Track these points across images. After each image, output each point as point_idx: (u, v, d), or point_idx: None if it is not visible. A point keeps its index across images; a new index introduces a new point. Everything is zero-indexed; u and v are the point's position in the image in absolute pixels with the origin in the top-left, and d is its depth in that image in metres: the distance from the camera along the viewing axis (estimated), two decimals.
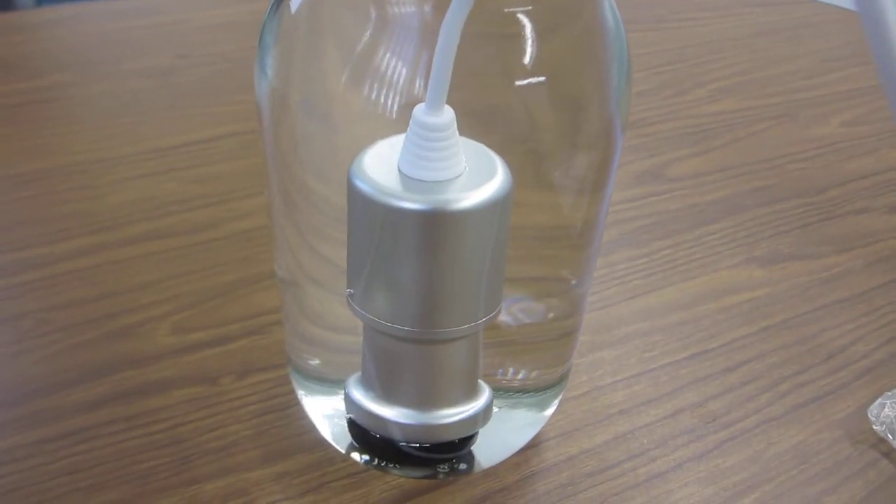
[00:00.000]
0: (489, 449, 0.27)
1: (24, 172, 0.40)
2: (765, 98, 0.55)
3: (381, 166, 0.21)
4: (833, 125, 0.52)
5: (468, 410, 0.25)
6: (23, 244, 0.36)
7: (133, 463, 0.27)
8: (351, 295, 0.23)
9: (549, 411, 0.28)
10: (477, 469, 0.27)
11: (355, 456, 0.27)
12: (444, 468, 0.27)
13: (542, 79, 0.21)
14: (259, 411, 0.29)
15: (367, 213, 0.21)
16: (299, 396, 0.28)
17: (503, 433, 0.28)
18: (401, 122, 0.21)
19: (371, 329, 0.24)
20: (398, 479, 0.27)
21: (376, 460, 0.27)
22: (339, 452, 0.27)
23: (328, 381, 0.27)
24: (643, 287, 0.36)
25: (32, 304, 0.33)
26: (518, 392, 0.28)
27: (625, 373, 0.32)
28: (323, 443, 0.28)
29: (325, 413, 0.28)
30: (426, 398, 0.24)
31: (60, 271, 0.34)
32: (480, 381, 0.25)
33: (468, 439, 0.26)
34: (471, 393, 0.25)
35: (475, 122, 0.22)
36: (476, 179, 0.21)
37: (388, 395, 0.24)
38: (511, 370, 0.27)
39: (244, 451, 0.27)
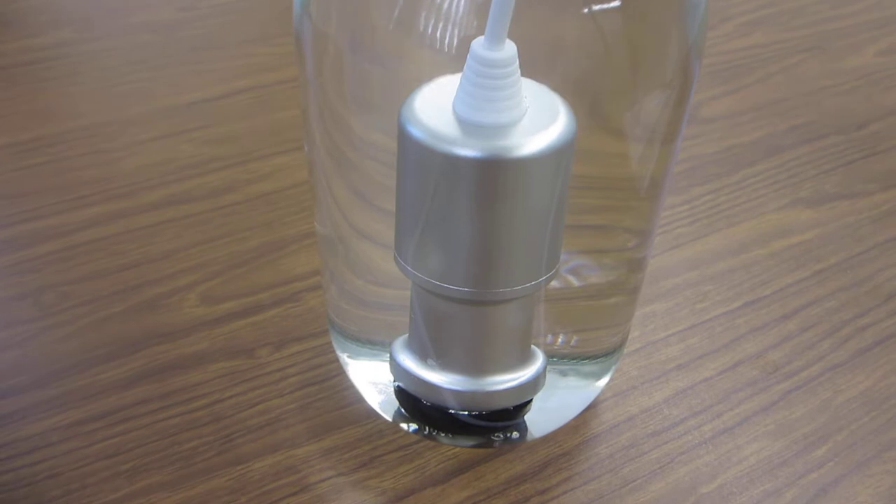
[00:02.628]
0: (543, 417, 0.26)
1: (31, 139, 0.38)
2: (794, 30, 0.52)
3: (433, 109, 0.20)
4: (868, 55, 0.50)
5: (522, 376, 0.24)
6: (36, 214, 0.34)
7: (174, 443, 0.25)
8: (399, 252, 0.22)
9: (605, 380, 0.27)
10: (530, 438, 0.26)
11: (403, 426, 0.26)
12: (498, 436, 0.26)
13: (616, 3, 0.19)
14: (300, 383, 0.27)
15: (418, 162, 0.20)
16: (343, 364, 0.27)
17: (557, 402, 0.26)
18: (458, 59, 0.19)
19: (421, 290, 0.22)
20: (453, 449, 0.26)
21: (427, 429, 0.25)
22: (388, 423, 0.26)
23: (376, 344, 0.26)
24: (687, 235, 0.35)
25: (52, 278, 0.31)
26: (574, 359, 0.26)
27: (678, 326, 0.30)
28: (370, 414, 0.26)
29: (371, 380, 0.26)
30: (479, 363, 0.23)
31: (78, 241, 0.33)
32: (534, 346, 0.24)
33: (522, 407, 0.25)
34: (525, 358, 0.24)
35: (538, 59, 0.20)
36: (538, 123, 0.20)
37: (437, 360, 0.23)
38: (567, 335, 0.26)
39: (289, 426, 0.26)
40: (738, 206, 0.37)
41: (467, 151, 0.19)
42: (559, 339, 0.26)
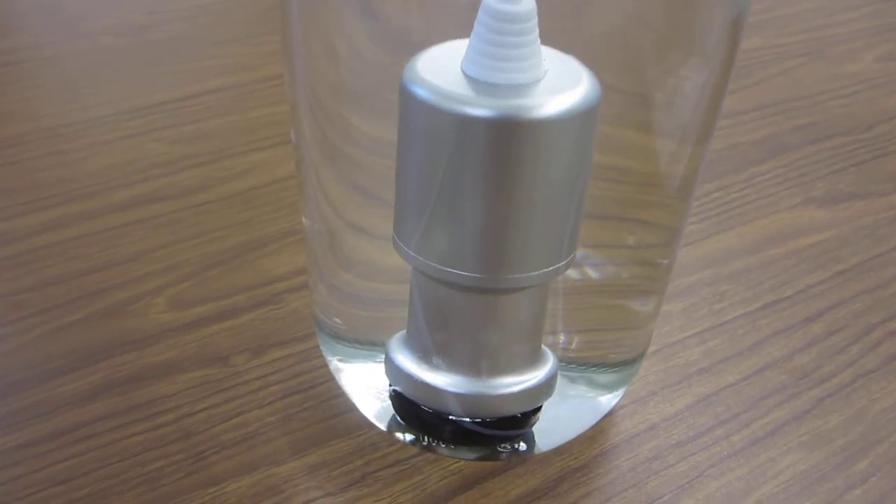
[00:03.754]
0: (554, 427, 0.23)
1: None
2: (792, 35, 0.51)
3: (440, 69, 0.17)
4: (866, 61, 0.48)
5: (532, 379, 0.21)
6: None
7: (137, 464, 0.22)
8: (400, 234, 0.19)
9: (622, 391, 0.24)
10: (538, 451, 0.23)
11: (399, 436, 0.23)
12: (505, 447, 0.23)
13: None
14: (282, 392, 0.24)
15: (423, 127, 0.17)
16: (332, 369, 0.24)
17: (568, 411, 0.23)
18: (469, 14, 0.17)
19: (422, 277, 0.19)
20: (456, 463, 0.23)
21: (426, 439, 0.22)
22: (383, 434, 0.23)
23: (370, 344, 0.23)
24: (699, 232, 0.32)
25: (3, 286, 0.28)
26: (590, 366, 0.24)
27: (696, 327, 0.28)
28: (362, 424, 0.23)
29: (364, 386, 0.23)
30: (485, 363, 0.20)
31: (35, 246, 0.30)
32: (544, 347, 0.21)
33: (532, 414, 0.22)
34: (535, 359, 0.21)
35: (559, 24, 0.17)
36: (559, 84, 0.17)
37: (439, 358, 0.20)
38: (583, 338, 0.23)
39: (269, 441, 0.23)
40: (749, 205, 0.34)
41: (480, 111, 0.17)
42: (574, 343, 0.23)
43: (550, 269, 0.19)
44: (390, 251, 0.19)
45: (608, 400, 0.24)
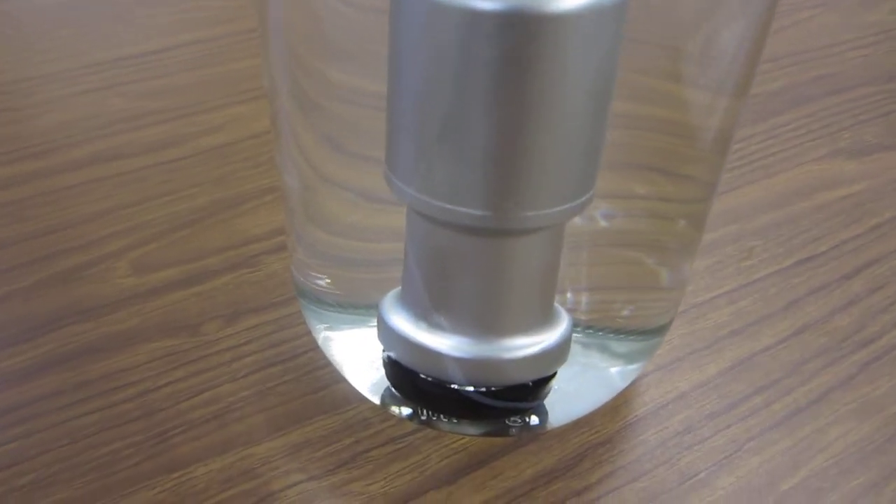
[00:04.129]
0: (569, 399, 0.20)
1: None
2: None
3: None
4: (883, 12, 0.46)
5: (545, 341, 0.18)
6: None
7: (90, 447, 0.19)
8: (392, 166, 0.16)
9: (644, 362, 0.21)
10: (552, 424, 0.20)
11: (395, 410, 0.20)
12: (515, 421, 0.20)
13: None
14: (259, 363, 0.21)
15: (419, 30, 0.14)
16: (316, 336, 0.21)
17: (585, 383, 0.20)
18: None
19: (419, 220, 0.16)
20: (460, 439, 0.20)
21: (424, 413, 0.19)
22: (376, 409, 0.20)
23: (356, 308, 0.20)
24: (722, 185, 0.29)
25: None
26: (611, 332, 0.21)
27: (724, 286, 0.25)
28: (351, 397, 0.20)
29: (353, 355, 0.20)
30: (492, 321, 0.17)
31: None
32: (558, 306, 0.18)
33: (544, 383, 0.19)
34: (548, 317, 0.18)
35: None
36: None
37: (439, 317, 0.17)
38: (604, 299, 0.20)
39: (244, 418, 0.20)
40: (773, 156, 0.31)
41: (488, 4, 0.14)
42: (594, 304, 0.20)
43: (570, 204, 0.16)
44: (376, 210, 0.16)
45: (632, 369, 0.21)
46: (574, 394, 0.20)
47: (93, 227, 0.26)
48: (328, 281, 0.20)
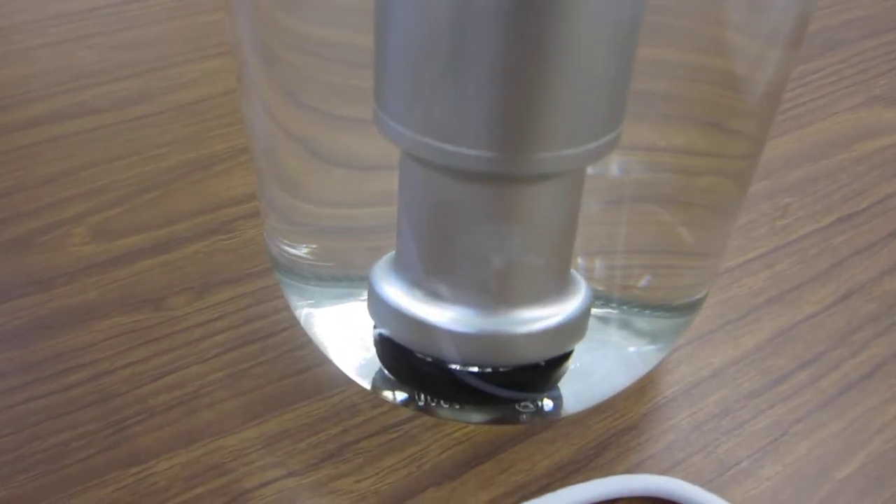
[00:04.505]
0: (587, 381, 0.17)
1: None
2: None
3: None
4: None
5: (560, 313, 0.16)
6: None
7: (35, 437, 0.17)
8: (382, 104, 0.13)
9: (675, 340, 0.18)
10: (567, 411, 0.17)
11: (388, 395, 0.17)
12: (525, 406, 0.17)
13: None
14: (232, 342, 0.19)
15: None
16: (297, 313, 0.18)
17: (607, 362, 0.18)
18: None
19: (416, 167, 0.14)
20: (463, 428, 0.17)
21: (422, 398, 0.17)
22: (366, 394, 0.18)
23: (339, 280, 0.17)
24: None
25: None
26: (639, 308, 0.18)
27: (757, 248, 0.22)
28: (337, 381, 0.18)
29: (340, 332, 0.18)
30: (498, 287, 0.15)
31: None
32: (575, 273, 0.16)
33: (559, 363, 0.16)
34: (563, 285, 0.16)
35: None
36: None
37: (437, 283, 0.15)
38: (630, 267, 0.17)
39: (214, 404, 0.17)
40: (804, 106, 0.29)
41: None
42: (614, 271, 0.17)
43: (590, 145, 0.13)
44: (353, 173, 0.14)
45: (659, 348, 0.18)
46: (593, 374, 0.18)
47: (48, 190, 0.23)
48: (306, 251, 0.17)
